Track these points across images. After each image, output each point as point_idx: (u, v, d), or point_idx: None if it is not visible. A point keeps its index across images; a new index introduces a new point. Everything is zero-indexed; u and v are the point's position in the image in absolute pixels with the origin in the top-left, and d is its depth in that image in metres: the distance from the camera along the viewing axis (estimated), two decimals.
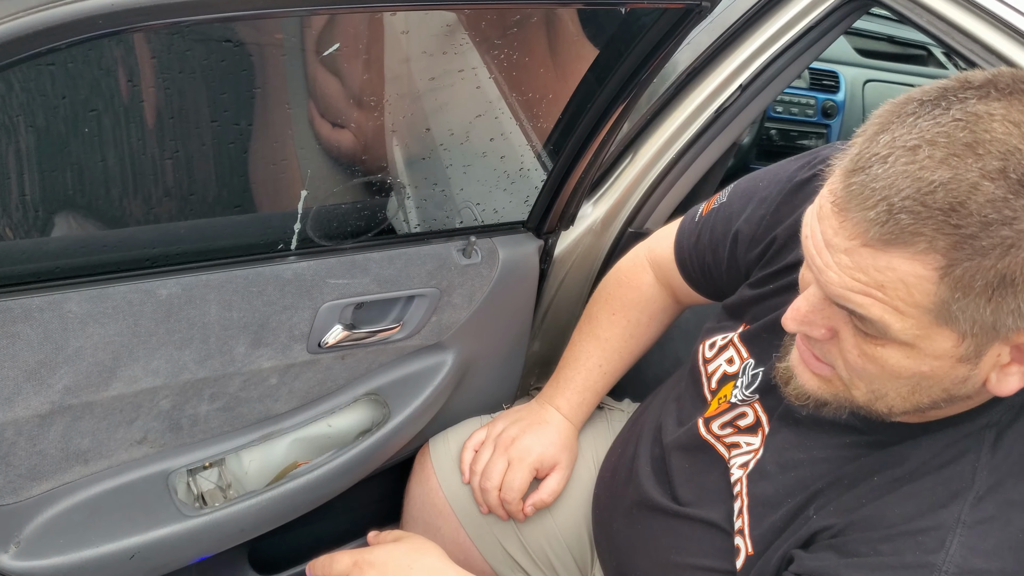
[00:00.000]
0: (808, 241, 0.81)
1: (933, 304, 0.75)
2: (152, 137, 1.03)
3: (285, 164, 1.17)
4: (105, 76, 0.95)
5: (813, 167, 1.07)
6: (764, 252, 1.11)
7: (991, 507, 0.85)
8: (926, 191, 0.71)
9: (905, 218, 0.72)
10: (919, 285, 0.74)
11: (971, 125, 0.71)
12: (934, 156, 0.71)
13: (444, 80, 1.20)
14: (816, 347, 0.89)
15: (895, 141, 0.73)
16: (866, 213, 0.74)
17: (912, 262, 0.73)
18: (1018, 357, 0.80)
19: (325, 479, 1.33)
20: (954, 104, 0.73)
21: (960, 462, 0.88)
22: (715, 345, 1.18)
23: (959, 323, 0.76)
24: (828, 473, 0.96)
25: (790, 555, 0.95)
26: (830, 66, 2.72)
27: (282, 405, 1.30)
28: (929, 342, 0.78)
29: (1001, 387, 0.82)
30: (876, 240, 0.74)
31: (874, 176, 0.73)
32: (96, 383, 1.09)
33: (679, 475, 1.14)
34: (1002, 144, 0.70)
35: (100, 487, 1.19)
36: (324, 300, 1.21)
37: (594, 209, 1.58)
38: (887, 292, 0.76)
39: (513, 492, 1.32)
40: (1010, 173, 0.69)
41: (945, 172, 0.70)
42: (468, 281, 1.34)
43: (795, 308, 0.86)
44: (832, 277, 0.78)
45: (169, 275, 1.10)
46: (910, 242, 0.72)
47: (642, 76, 1.14)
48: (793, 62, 1.45)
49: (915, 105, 0.75)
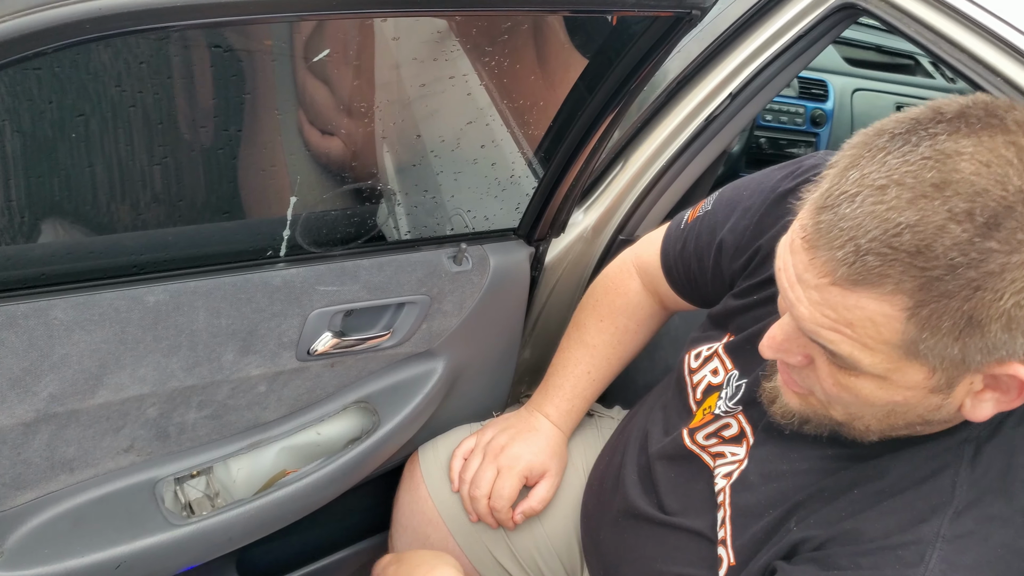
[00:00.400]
0: (781, 273, 0.82)
1: (901, 341, 0.75)
2: (140, 143, 1.03)
3: (274, 170, 1.17)
4: (92, 81, 0.94)
5: (796, 177, 1.08)
6: (748, 262, 1.11)
7: (970, 522, 0.85)
8: (893, 233, 0.71)
9: (872, 260, 0.72)
10: (887, 324, 0.75)
11: (939, 164, 0.71)
12: (902, 197, 0.71)
13: (435, 87, 1.20)
14: (794, 372, 0.91)
15: (864, 179, 0.73)
16: (834, 253, 0.74)
17: (880, 302, 0.74)
18: (992, 384, 0.80)
19: (314, 487, 1.32)
20: (924, 140, 0.72)
21: (940, 477, 0.88)
22: (700, 355, 1.18)
23: (928, 358, 0.76)
24: (809, 485, 0.97)
25: (772, 566, 0.96)
26: (819, 75, 2.73)
27: (271, 413, 1.29)
28: (900, 375, 0.79)
29: (975, 413, 0.82)
30: (844, 280, 0.74)
31: (842, 215, 0.73)
32: (82, 391, 1.09)
33: (665, 484, 1.14)
34: (970, 185, 0.70)
35: (86, 496, 1.18)
36: (313, 307, 1.20)
37: (585, 216, 1.58)
38: (856, 329, 0.76)
39: (503, 500, 1.31)
40: (977, 216, 0.69)
41: (912, 214, 0.70)
42: (459, 288, 1.33)
43: (771, 336, 0.87)
44: (803, 312, 0.79)
45: (157, 282, 1.09)
46: (877, 283, 0.73)
47: (632, 84, 1.14)
48: (782, 71, 1.45)
49: (886, 139, 0.75)
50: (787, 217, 1.06)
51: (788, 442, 1.01)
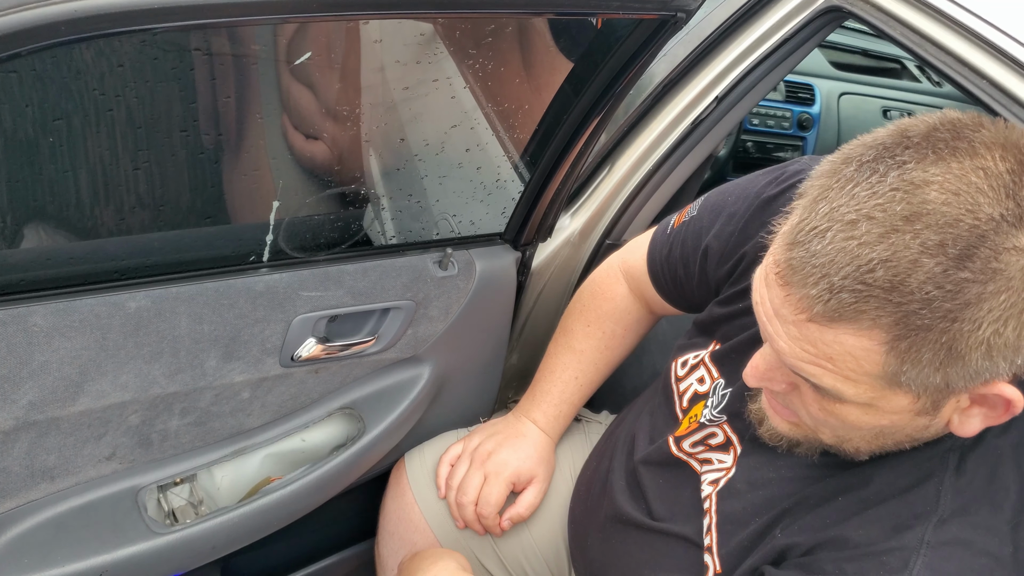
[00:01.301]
0: (759, 307, 0.82)
1: (883, 373, 0.75)
2: (120, 147, 1.02)
3: (257, 175, 1.16)
4: (70, 84, 0.93)
5: (781, 183, 1.07)
6: (733, 269, 1.11)
7: (955, 529, 0.85)
8: (866, 269, 0.70)
9: (847, 296, 0.71)
10: (867, 357, 0.74)
11: (908, 196, 0.70)
12: (872, 231, 0.70)
13: (419, 90, 1.19)
14: (779, 398, 0.91)
15: (833, 212, 0.72)
16: (808, 291, 0.73)
17: (858, 337, 0.73)
18: (979, 401, 0.80)
19: (299, 495, 1.31)
20: (892, 169, 0.71)
21: (924, 485, 0.88)
22: (687, 364, 1.18)
23: (911, 386, 0.76)
24: (795, 492, 0.97)
25: (760, 571, 0.95)
26: (806, 79, 2.74)
27: (255, 420, 1.28)
28: (885, 402, 0.79)
29: (964, 429, 0.82)
30: (820, 316, 0.74)
31: (813, 252, 0.73)
32: (62, 398, 1.07)
33: (653, 490, 1.14)
34: (941, 216, 0.69)
35: (67, 505, 1.16)
36: (297, 313, 1.19)
37: (572, 221, 1.58)
38: (836, 363, 0.76)
39: (490, 507, 1.30)
40: (949, 247, 0.69)
41: (884, 249, 0.70)
42: (445, 293, 1.32)
43: (753, 366, 0.87)
44: (783, 347, 0.79)
45: (138, 287, 1.08)
46: (854, 319, 0.72)
47: (618, 87, 1.13)
48: (768, 74, 1.45)
49: (853, 168, 0.74)
50: (771, 223, 1.06)
51: (776, 450, 1.01)
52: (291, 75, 1.14)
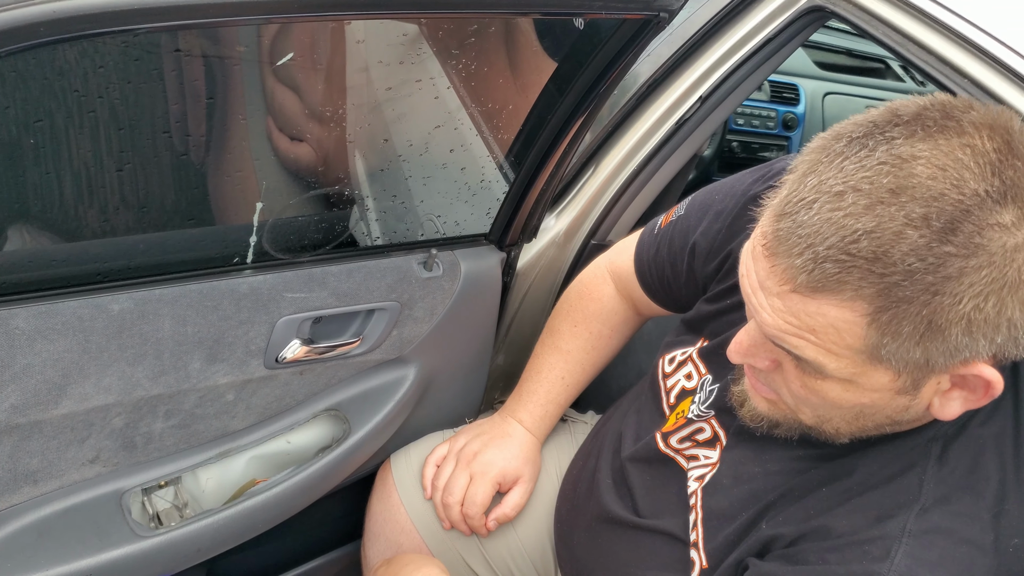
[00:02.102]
0: (744, 280, 0.82)
1: (864, 346, 0.76)
2: (103, 148, 1.01)
3: (240, 176, 1.16)
4: (52, 85, 0.92)
5: (767, 180, 1.08)
6: (720, 266, 1.12)
7: (937, 518, 0.85)
8: (850, 240, 0.71)
9: (831, 267, 0.72)
10: (849, 329, 0.75)
11: (895, 170, 0.71)
12: (858, 203, 0.71)
13: (403, 90, 1.19)
14: (761, 376, 0.91)
15: (822, 185, 0.73)
16: (793, 260, 0.74)
17: (840, 308, 0.74)
18: (959, 383, 0.80)
19: (284, 496, 1.30)
20: (880, 144, 0.72)
21: (907, 475, 0.89)
22: (674, 360, 1.18)
23: (892, 362, 0.76)
24: (780, 485, 0.97)
25: (744, 563, 0.96)
26: (790, 79, 2.75)
27: (239, 422, 1.27)
28: (866, 378, 0.79)
29: (944, 412, 0.83)
30: (804, 287, 0.74)
31: (800, 223, 0.74)
32: (45, 401, 1.07)
33: (639, 487, 1.14)
34: (926, 190, 0.70)
35: (50, 508, 1.15)
36: (281, 314, 1.19)
37: (557, 221, 1.58)
38: (819, 336, 0.76)
39: (475, 507, 1.30)
40: (933, 220, 0.69)
41: (869, 220, 0.70)
42: (430, 294, 1.32)
43: (737, 342, 0.88)
44: (766, 319, 0.79)
45: (121, 290, 1.08)
46: (836, 290, 0.73)
47: (602, 87, 1.14)
48: (752, 74, 1.45)
49: (843, 143, 0.75)
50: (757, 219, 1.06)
51: (760, 444, 1.01)
52: (275, 77, 1.14)
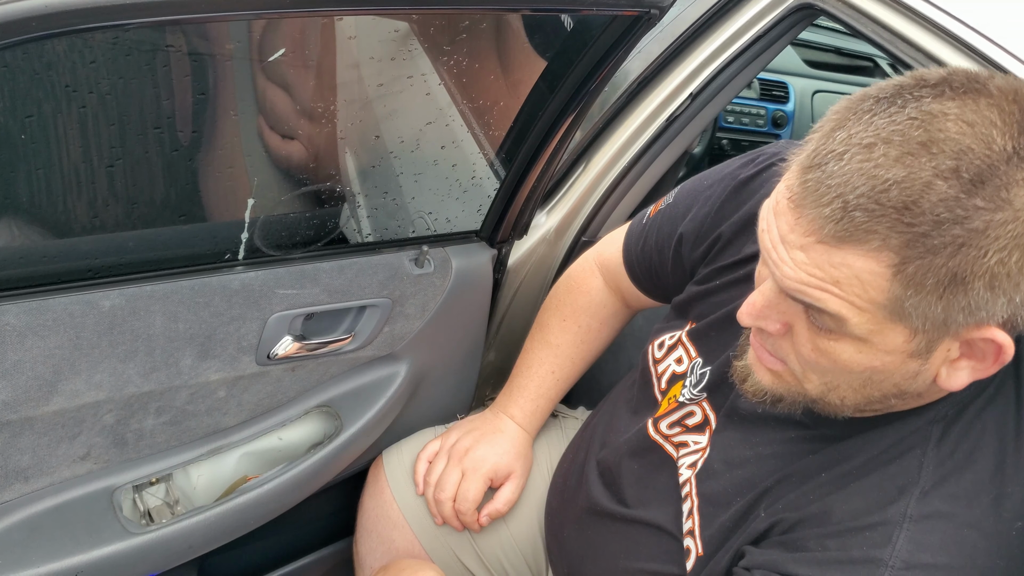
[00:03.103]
0: (764, 235, 0.81)
1: (887, 300, 0.75)
2: (92, 144, 1.01)
3: (232, 172, 1.16)
4: (41, 80, 0.92)
5: (757, 165, 1.09)
6: (709, 249, 1.12)
7: (937, 502, 0.85)
8: (880, 189, 0.71)
9: (859, 215, 0.72)
10: (873, 281, 0.75)
11: (925, 124, 0.72)
12: (889, 154, 0.72)
13: (393, 86, 1.19)
14: (768, 342, 0.89)
15: (851, 138, 0.74)
16: (821, 210, 0.74)
17: (866, 259, 0.74)
18: (967, 352, 0.80)
19: (276, 493, 1.30)
20: (909, 102, 0.73)
21: (906, 457, 0.89)
22: (664, 345, 1.18)
23: (911, 318, 0.76)
24: (776, 470, 0.97)
25: (741, 551, 0.96)
26: (780, 77, 2.76)
27: (231, 418, 1.27)
28: (881, 337, 0.79)
29: (951, 382, 0.82)
30: (831, 237, 0.74)
31: (830, 173, 0.74)
32: (36, 398, 1.06)
33: (628, 477, 1.14)
34: (955, 143, 0.71)
35: (41, 505, 1.15)
36: (273, 311, 1.19)
37: (548, 218, 1.58)
38: (842, 288, 0.76)
39: (467, 503, 1.31)
40: (963, 172, 0.70)
41: (899, 170, 0.71)
42: (421, 291, 1.32)
43: (750, 303, 0.86)
44: (788, 272, 0.78)
45: (112, 286, 1.08)
46: (864, 239, 0.73)
47: (593, 83, 1.14)
48: (742, 71, 1.46)
49: (871, 102, 0.75)
50: (748, 203, 1.07)
51: (750, 427, 1.01)
52: (266, 75, 1.14)
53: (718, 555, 0.98)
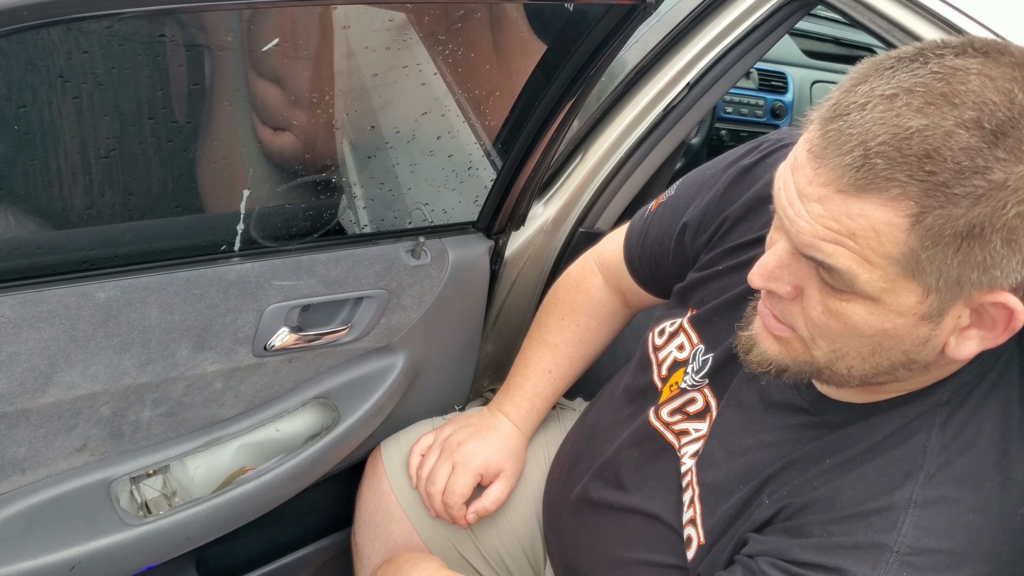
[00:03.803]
0: (780, 193, 0.81)
1: (902, 254, 0.75)
2: (86, 135, 1.00)
3: (227, 163, 1.15)
4: (34, 70, 0.92)
5: (761, 151, 1.08)
6: (713, 234, 1.11)
7: (942, 487, 0.85)
8: (902, 137, 0.71)
9: (880, 163, 0.72)
10: (890, 233, 0.74)
11: (948, 77, 0.72)
12: (911, 104, 0.72)
13: (389, 76, 1.19)
14: (777, 307, 0.88)
15: (873, 91, 0.74)
16: (842, 159, 0.74)
17: (885, 209, 0.73)
18: (977, 321, 0.80)
19: (274, 485, 1.30)
20: (932, 59, 0.74)
21: (911, 442, 0.88)
22: (664, 332, 1.17)
23: (925, 275, 0.76)
24: (779, 458, 0.96)
25: (744, 538, 0.95)
26: (778, 67, 2.75)
27: (228, 410, 1.27)
28: (894, 296, 0.78)
29: (960, 351, 0.82)
30: (850, 186, 0.74)
31: (851, 123, 0.74)
32: (31, 389, 1.06)
33: (627, 464, 1.14)
34: (977, 95, 0.71)
35: (38, 497, 1.15)
36: (269, 302, 1.19)
37: (545, 209, 1.58)
38: (858, 240, 0.76)
39: (455, 496, 1.30)
40: (984, 123, 0.70)
41: (921, 119, 0.71)
42: (418, 282, 1.32)
43: (762, 264, 0.85)
44: (803, 227, 0.78)
45: (107, 278, 1.07)
46: (883, 188, 0.73)
47: (589, 73, 1.14)
48: (739, 61, 1.46)
49: (893, 60, 0.76)
50: (752, 188, 1.06)
51: (750, 413, 1.01)
52: (256, 68, 1.13)
53: (721, 542, 0.98)
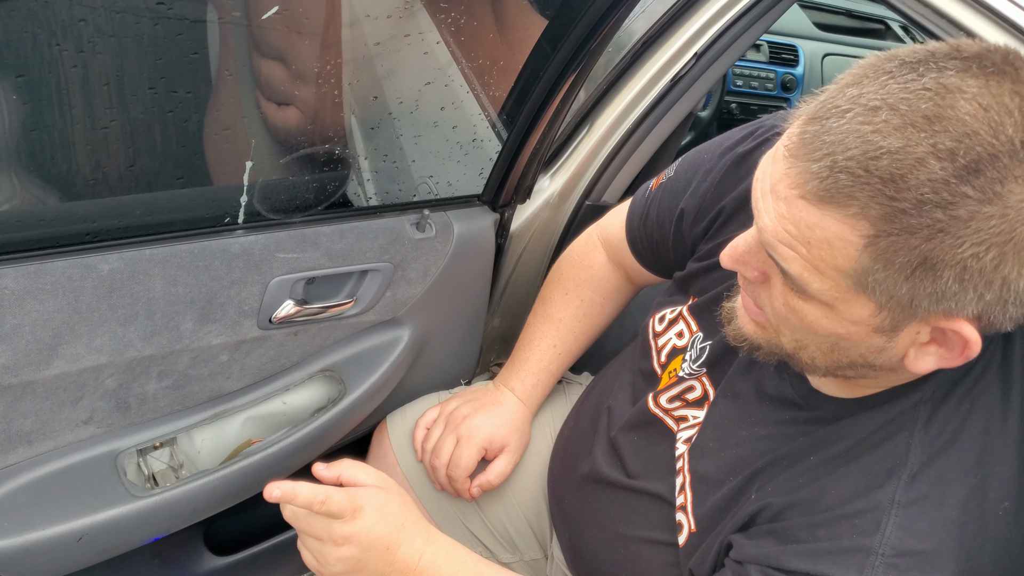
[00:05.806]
0: (756, 184, 0.80)
1: (852, 270, 0.74)
2: (88, 105, 1.00)
3: (230, 134, 1.14)
4: (32, 40, 0.91)
5: (757, 138, 1.07)
6: (710, 225, 1.11)
7: (925, 485, 0.85)
8: (872, 155, 0.69)
9: (844, 178, 0.71)
10: (843, 249, 0.73)
11: (937, 98, 0.69)
12: (890, 122, 0.69)
13: (391, 45, 1.18)
14: (750, 289, 0.89)
15: (860, 97, 0.72)
16: (810, 165, 0.73)
17: (842, 224, 0.72)
18: (938, 339, 0.79)
19: (280, 457, 1.31)
20: (931, 71, 0.71)
21: (894, 439, 0.88)
22: (664, 319, 1.17)
23: (876, 294, 0.75)
24: (768, 452, 0.96)
25: (728, 541, 0.95)
26: (789, 40, 2.72)
27: (234, 382, 1.27)
28: (847, 306, 0.78)
29: (917, 365, 0.81)
30: (812, 194, 0.73)
31: (828, 129, 0.72)
32: (36, 361, 1.06)
33: (628, 448, 1.14)
34: (962, 124, 0.68)
35: (45, 469, 1.16)
36: (274, 275, 1.19)
37: (551, 182, 1.57)
38: (811, 250, 0.75)
39: (459, 470, 1.30)
40: (959, 156, 0.68)
41: (896, 140, 0.69)
42: (423, 255, 1.32)
43: (733, 246, 0.86)
44: (766, 223, 0.78)
45: (111, 250, 1.07)
46: (843, 204, 0.71)
47: (593, 43, 1.12)
48: (747, 31, 1.44)
49: (895, 64, 0.73)
50: (748, 177, 1.05)
51: (745, 404, 1.01)
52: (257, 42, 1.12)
53: (711, 535, 0.98)
